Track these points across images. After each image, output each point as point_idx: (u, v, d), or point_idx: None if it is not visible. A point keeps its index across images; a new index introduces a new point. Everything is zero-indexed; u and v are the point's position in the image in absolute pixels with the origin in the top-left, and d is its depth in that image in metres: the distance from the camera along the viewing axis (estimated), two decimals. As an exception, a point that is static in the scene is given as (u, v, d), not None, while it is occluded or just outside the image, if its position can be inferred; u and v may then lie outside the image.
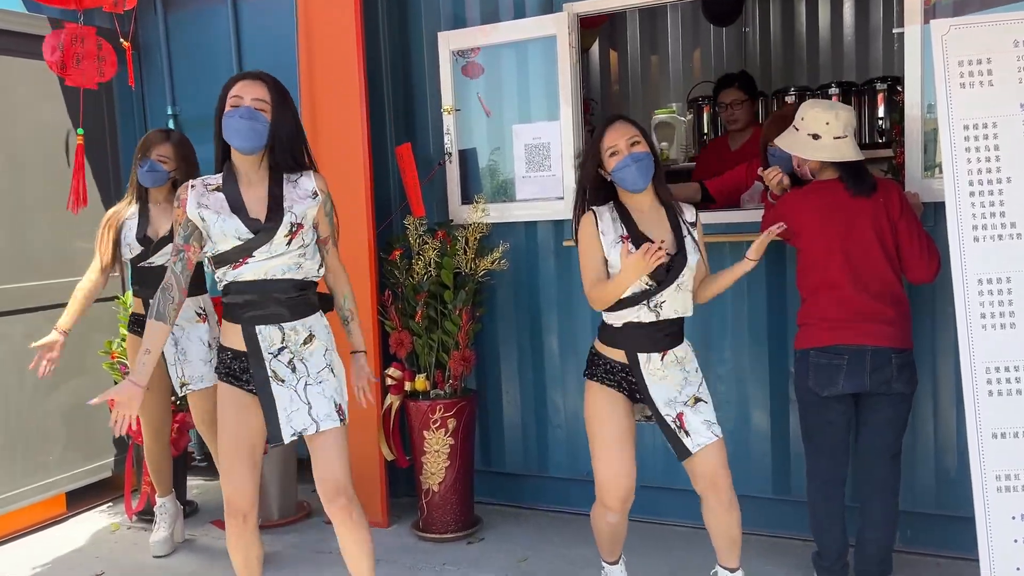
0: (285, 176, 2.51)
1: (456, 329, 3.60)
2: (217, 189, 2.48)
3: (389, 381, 3.68)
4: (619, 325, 2.63)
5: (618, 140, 2.56)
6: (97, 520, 4.12)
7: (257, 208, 2.45)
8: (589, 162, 2.65)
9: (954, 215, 2.58)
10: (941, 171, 3.03)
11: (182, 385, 3.40)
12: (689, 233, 2.63)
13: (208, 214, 2.44)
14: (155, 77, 4.56)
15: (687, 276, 2.60)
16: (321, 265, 2.58)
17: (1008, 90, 2.55)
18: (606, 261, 2.59)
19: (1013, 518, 2.53)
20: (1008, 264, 2.54)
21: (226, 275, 2.47)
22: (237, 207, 2.44)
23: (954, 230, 2.58)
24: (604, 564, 2.92)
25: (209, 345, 3.41)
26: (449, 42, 3.86)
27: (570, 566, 3.36)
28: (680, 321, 2.65)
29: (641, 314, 2.58)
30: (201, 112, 4.44)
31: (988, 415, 2.55)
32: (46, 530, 4.02)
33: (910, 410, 2.85)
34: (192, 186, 2.48)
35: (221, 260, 2.46)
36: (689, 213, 2.69)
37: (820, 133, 2.77)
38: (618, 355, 2.65)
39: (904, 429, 2.85)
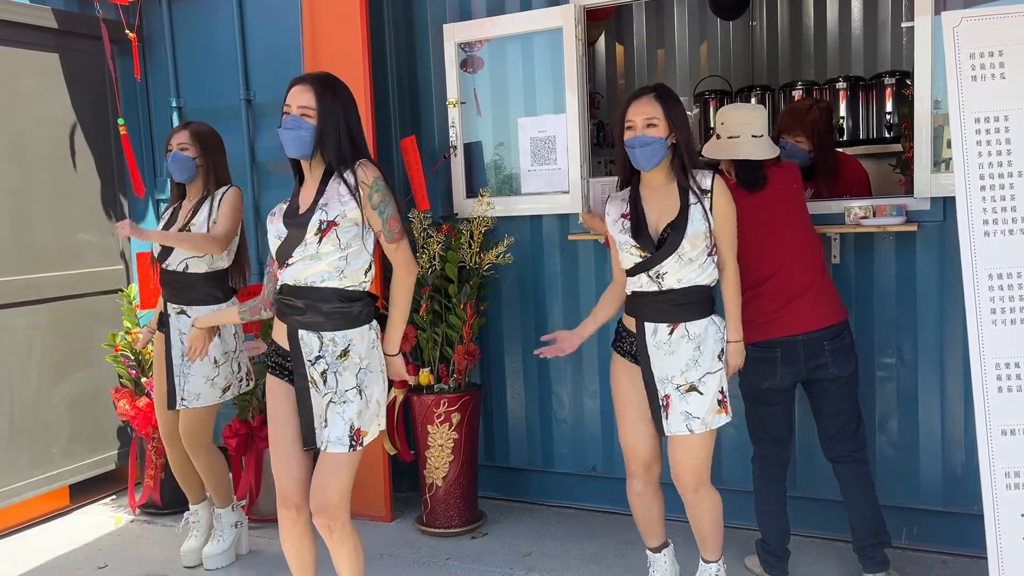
0: (336, 173, 2.46)
1: (460, 323, 3.59)
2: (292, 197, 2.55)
3: (393, 375, 3.66)
4: (630, 293, 2.65)
5: (636, 117, 2.53)
6: (100, 513, 4.12)
7: (304, 208, 2.46)
8: (616, 129, 2.63)
9: (964, 209, 2.55)
10: (950, 166, 3.01)
11: (181, 399, 3.24)
12: (700, 202, 2.54)
13: (269, 222, 2.53)
14: (159, 69, 4.53)
15: (688, 247, 2.52)
16: (370, 268, 2.49)
17: (1020, 83, 2.52)
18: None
19: (1022, 515, 2.51)
20: (1019, 259, 2.51)
21: (282, 276, 2.50)
22: (291, 210, 2.48)
23: (964, 224, 2.55)
24: (647, 552, 2.87)
25: (215, 361, 3.24)
26: (454, 34, 3.84)
27: (574, 561, 3.35)
28: (695, 291, 2.55)
29: (644, 283, 2.59)
30: (205, 104, 4.44)
31: (997, 411, 2.53)
32: (49, 522, 4.02)
33: (857, 388, 2.90)
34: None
35: (277, 260, 2.51)
36: (705, 181, 2.57)
37: (720, 133, 2.83)
38: (631, 323, 2.66)
39: (855, 408, 2.89)
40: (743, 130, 2.80)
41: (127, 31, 4.00)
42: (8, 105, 3.92)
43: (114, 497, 4.28)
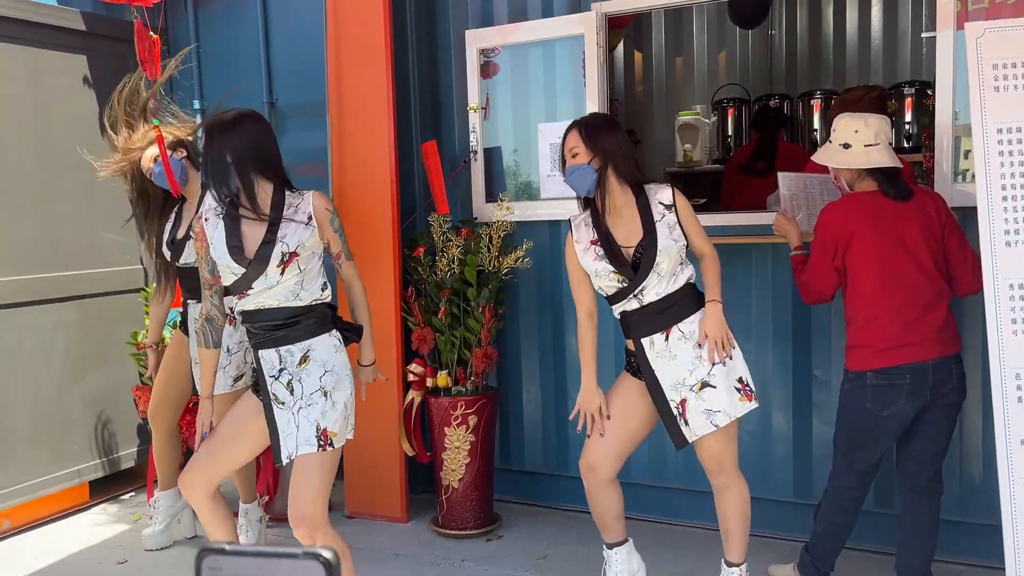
0: (288, 200, 2.51)
1: (479, 326, 3.61)
2: (222, 216, 2.50)
3: (411, 377, 3.69)
4: (618, 315, 2.73)
5: (566, 153, 2.70)
6: (120, 509, 4.16)
7: (253, 239, 2.46)
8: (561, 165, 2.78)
9: (986, 219, 2.55)
10: (968, 176, 3.01)
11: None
12: (664, 217, 2.63)
13: (215, 251, 2.49)
14: (183, 72, 4.57)
15: (663, 261, 2.60)
16: (326, 286, 2.57)
17: (1043, 94, 2.53)
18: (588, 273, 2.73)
19: (1041, 526, 2.50)
20: (1040, 270, 2.51)
21: (234, 303, 2.55)
22: (233, 240, 2.46)
23: (986, 234, 2.55)
24: (603, 548, 2.90)
25: (228, 350, 3.26)
26: (476, 40, 3.87)
27: (589, 564, 3.35)
28: (675, 294, 2.62)
29: (630, 304, 2.66)
30: (228, 106, 4.48)
31: (1016, 421, 2.53)
32: (69, 518, 4.06)
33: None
34: (206, 219, 2.51)
35: (229, 291, 2.53)
36: (664, 194, 2.66)
37: (850, 142, 2.74)
38: (630, 344, 2.74)
39: (952, 435, 2.83)
40: (881, 139, 2.73)
41: (151, 33, 4.04)
42: (36, 106, 3.98)
43: (133, 494, 4.33)
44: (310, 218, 2.49)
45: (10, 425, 3.84)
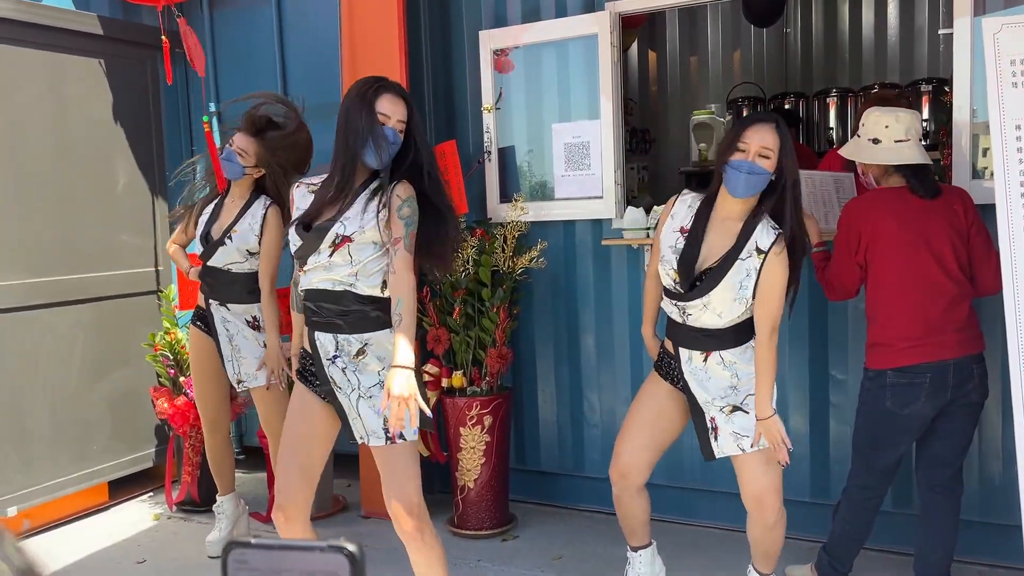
0: (373, 185, 2.45)
1: (493, 327, 3.61)
2: (313, 191, 2.50)
3: (426, 377, 3.69)
4: (665, 311, 2.68)
5: (752, 142, 2.43)
6: (138, 509, 4.19)
7: (325, 215, 2.44)
8: (724, 147, 2.51)
9: (1005, 217, 2.52)
10: (986, 173, 2.98)
11: (238, 382, 3.38)
12: (748, 260, 2.46)
13: (291, 223, 2.51)
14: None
15: (716, 300, 2.48)
16: (384, 286, 2.45)
17: (1062, 90, 2.50)
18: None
19: (1062, 527, 2.47)
20: (1060, 267, 2.48)
21: (300, 280, 2.50)
22: (310, 213, 2.45)
23: (1005, 232, 2.52)
24: (628, 550, 2.92)
25: (264, 346, 3.34)
26: (490, 40, 3.88)
27: (605, 565, 3.35)
28: (721, 330, 2.55)
29: (673, 311, 2.61)
30: (243, 108, 4.50)
31: (1037, 421, 2.50)
32: (89, 518, 4.10)
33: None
34: (297, 186, 2.54)
35: (296, 261, 2.49)
36: (767, 239, 2.45)
37: (880, 137, 2.70)
38: (669, 345, 2.69)
39: (973, 434, 2.80)
40: (912, 135, 2.69)
41: (163, 36, 4.06)
42: (54, 109, 4.02)
43: (152, 494, 4.36)
44: (384, 207, 2.40)
45: (30, 426, 3.88)
